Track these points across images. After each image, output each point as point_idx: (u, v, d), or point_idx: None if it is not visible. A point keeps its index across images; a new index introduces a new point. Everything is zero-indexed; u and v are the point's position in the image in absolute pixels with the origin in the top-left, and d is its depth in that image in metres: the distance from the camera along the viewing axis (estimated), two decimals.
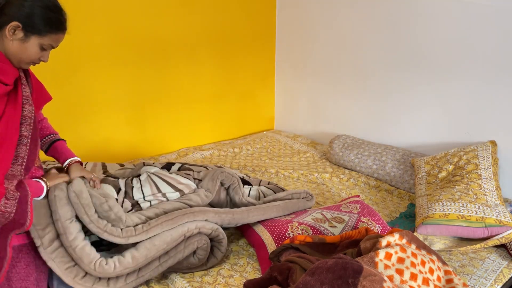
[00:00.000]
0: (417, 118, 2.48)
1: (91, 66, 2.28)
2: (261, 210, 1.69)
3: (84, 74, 2.27)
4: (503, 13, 2.02)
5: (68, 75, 2.21)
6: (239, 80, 3.06)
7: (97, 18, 2.23)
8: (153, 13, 2.44)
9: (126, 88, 2.45)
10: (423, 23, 2.34)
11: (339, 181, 2.41)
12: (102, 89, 2.35)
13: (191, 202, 1.60)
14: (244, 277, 1.51)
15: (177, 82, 2.68)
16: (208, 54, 2.80)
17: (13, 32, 1.20)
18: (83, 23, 2.18)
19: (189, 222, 1.49)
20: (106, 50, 2.32)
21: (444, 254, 1.69)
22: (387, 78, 2.58)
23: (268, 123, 3.42)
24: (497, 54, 2.08)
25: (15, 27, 1.19)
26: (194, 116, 2.85)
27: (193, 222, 1.49)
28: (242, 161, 2.67)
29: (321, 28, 2.87)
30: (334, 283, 1.05)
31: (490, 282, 1.53)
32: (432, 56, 2.33)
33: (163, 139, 2.72)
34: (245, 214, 1.64)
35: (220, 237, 1.55)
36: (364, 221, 1.69)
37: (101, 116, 2.38)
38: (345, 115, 2.89)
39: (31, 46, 1.23)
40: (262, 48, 3.15)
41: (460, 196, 1.82)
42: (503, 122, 2.13)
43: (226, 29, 2.85)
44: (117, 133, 2.47)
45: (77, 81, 2.25)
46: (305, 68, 3.06)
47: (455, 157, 2.08)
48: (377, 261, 1.21)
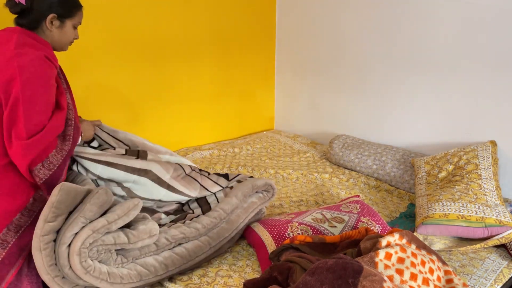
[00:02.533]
0: (417, 118, 2.48)
1: (91, 66, 2.28)
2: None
3: (84, 73, 2.27)
4: (503, 13, 2.02)
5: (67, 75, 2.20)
6: (239, 80, 3.06)
7: (97, 18, 2.23)
8: (153, 12, 2.44)
9: (125, 88, 2.45)
10: (423, 23, 2.33)
11: (339, 181, 2.40)
12: (102, 89, 2.34)
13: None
14: (243, 277, 1.50)
15: (177, 82, 2.68)
16: (208, 53, 2.80)
17: (51, 23, 1.39)
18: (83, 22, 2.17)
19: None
20: (106, 49, 2.32)
21: (444, 254, 1.69)
22: (387, 78, 2.57)
23: (268, 123, 3.42)
24: (497, 54, 2.08)
25: (52, 18, 1.38)
26: (194, 116, 2.84)
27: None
28: (242, 161, 2.67)
29: (321, 28, 2.87)
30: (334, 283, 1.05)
31: (490, 282, 1.53)
32: (432, 56, 2.33)
33: (163, 139, 2.71)
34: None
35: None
36: (364, 221, 1.69)
37: (100, 116, 2.38)
38: (345, 115, 2.89)
39: (68, 29, 1.45)
40: (262, 48, 3.14)
41: (460, 196, 1.82)
42: (503, 122, 2.13)
43: (226, 28, 2.85)
44: None
45: (77, 80, 2.24)
46: (305, 68, 3.06)
47: (455, 157, 2.08)
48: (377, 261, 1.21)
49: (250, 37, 3.02)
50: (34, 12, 1.36)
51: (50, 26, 1.39)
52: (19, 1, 1.35)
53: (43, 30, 1.40)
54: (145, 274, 1.36)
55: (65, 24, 1.43)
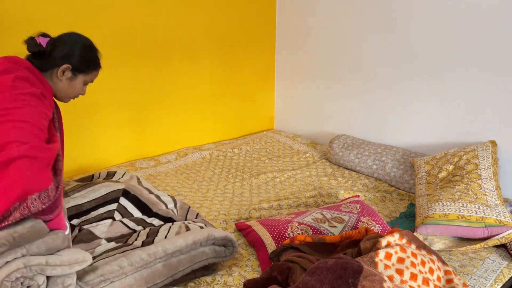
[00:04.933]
0: (417, 118, 2.48)
1: None
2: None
3: None
4: (503, 13, 2.02)
5: None
6: (239, 80, 3.06)
7: (97, 18, 2.23)
8: (153, 13, 2.44)
9: (125, 88, 2.45)
10: (423, 23, 2.34)
11: (339, 181, 2.40)
12: (102, 89, 2.34)
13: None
14: (244, 277, 1.50)
15: (176, 82, 2.68)
16: (208, 54, 2.80)
17: (63, 73, 1.38)
18: (83, 23, 2.18)
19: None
20: (106, 50, 2.29)
21: (444, 254, 1.69)
22: (387, 78, 2.58)
23: (268, 123, 3.42)
24: (497, 54, 2.08)
25: (65, 68, 1.37)
26: (193, 116, 2.84)
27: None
28: (241, 161, 2.67)
29: (321, 28, 2.87)
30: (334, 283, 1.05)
31: (490, 282, 1.53)
32: (432, 56, 2.33)
33: (163, 139, 2.72)
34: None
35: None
36: (364, 221, 1.69)
37: (100, 116, 2.38)
38: (345, 115, 2.89)
39: (78, 83, 1.43)
40: (262, 48, 3.14)
41: (460, 196, 1.82)
42: (503, 122, 2.13)
43: (226, 29, 2.85)
44: (116, 133, 2.47)
45: None
46: (305, 68, 3.06)
47: (455, 157, 2.08)
48: (377, 261, 1.21)
49: (250, 37, 3.02)
50: (51, 57, 1.34)
51: (60, 75, 1.37)
52: (39, 42, 1.34)
53: (52, 77, 1.37)
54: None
55: (77, 78, 1.42)
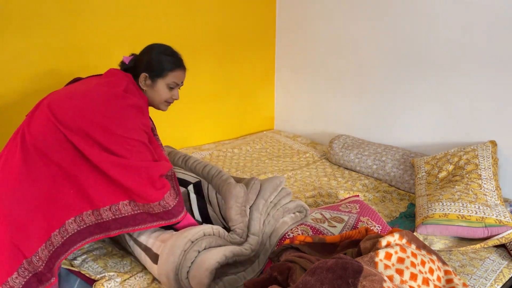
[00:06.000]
0: (417, 118, 2.48)
1: (91, 66, 2.27)
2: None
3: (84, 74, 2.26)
4: (503, 14, 2.02)
5: (68, 75, 2.20)
6: (239, 80, 3.06)
7: (97, 19, 2.23)
8: (153, 13, 2.44)
9: None
10: (423, 23, 2.34)
11: (339, 181, 2.40)
12: None
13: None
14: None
15: None
16: (208, 54, 2.80)
17: (144, 83, 1.49)
18: (83, 23, 2.18)
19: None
20: (106, 50, 2.31)
21: (444, 254, 1.69)
22: (387, 78, 2.57)
23: (268, 123, 3.42)
24: (497, 54, 2.08)
25: (144, 78, 1.49)
26: (194, 116, 2.84)
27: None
28: (241, 161, 2.67)
29: (321, 28, 2.87)
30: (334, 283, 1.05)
31: (490, 282, 1.53)
32: (432, 56, 2.33)
33: (163, 139, 2.70)
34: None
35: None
36: (364, 221, 1.69)
37: None
38: (345, 115, 2.89)
39: (160, 88, 1.51)
40: (262, 48, 3.14)
41: (460, 196, 1.82)
42: (503, 122, 2.13)
43: (226, 29, 2.85)
44: None
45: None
46: (305, 68, 3.06)
47: (455, 157, 2.08)
48: (377, 261, 1.21)
49: (250, 37, 3.02)
50: (136, 71, 1.49)
51: (143, 84, 1.49)
52: (124, 60, 1.52)
53: (141, 86, 1.50)
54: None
55: (157, 83, 1.50)
